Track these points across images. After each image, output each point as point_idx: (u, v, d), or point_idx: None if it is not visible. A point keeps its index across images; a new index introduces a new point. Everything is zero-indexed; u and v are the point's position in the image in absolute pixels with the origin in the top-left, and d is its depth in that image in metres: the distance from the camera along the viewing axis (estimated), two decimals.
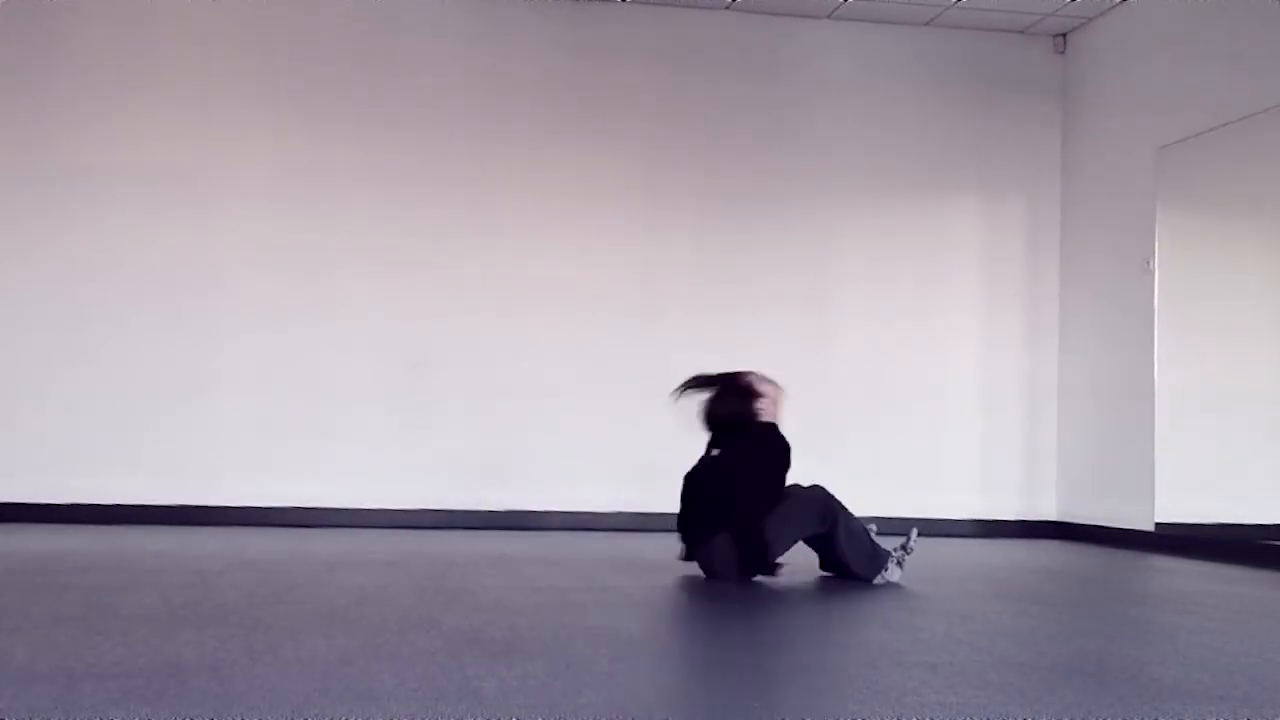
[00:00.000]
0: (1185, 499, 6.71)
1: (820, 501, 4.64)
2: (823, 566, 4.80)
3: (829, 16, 7.60)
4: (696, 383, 4.78)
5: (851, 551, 4.62)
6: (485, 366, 7.20)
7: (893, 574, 4.64)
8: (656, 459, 7.27)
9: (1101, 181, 7.47)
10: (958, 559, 5.67)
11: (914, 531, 4.73)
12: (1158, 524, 6.72)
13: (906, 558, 4.68)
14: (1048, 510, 7.69)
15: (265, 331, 7.04)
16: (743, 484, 4.59)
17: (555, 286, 7.31)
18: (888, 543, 4.75)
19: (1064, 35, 7.83)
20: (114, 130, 7.00)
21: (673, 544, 5.48)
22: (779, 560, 4.60)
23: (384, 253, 7.17)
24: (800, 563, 4.86)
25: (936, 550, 4.85)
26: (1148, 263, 6.96)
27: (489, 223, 7.28)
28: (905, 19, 7.62)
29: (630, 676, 2.69)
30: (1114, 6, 7.35)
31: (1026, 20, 7.61)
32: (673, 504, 7.46)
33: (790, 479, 4.72)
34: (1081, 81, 7.71)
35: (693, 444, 7.32)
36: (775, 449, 4.66)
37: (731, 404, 4.75)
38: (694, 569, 4.91)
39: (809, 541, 4.70)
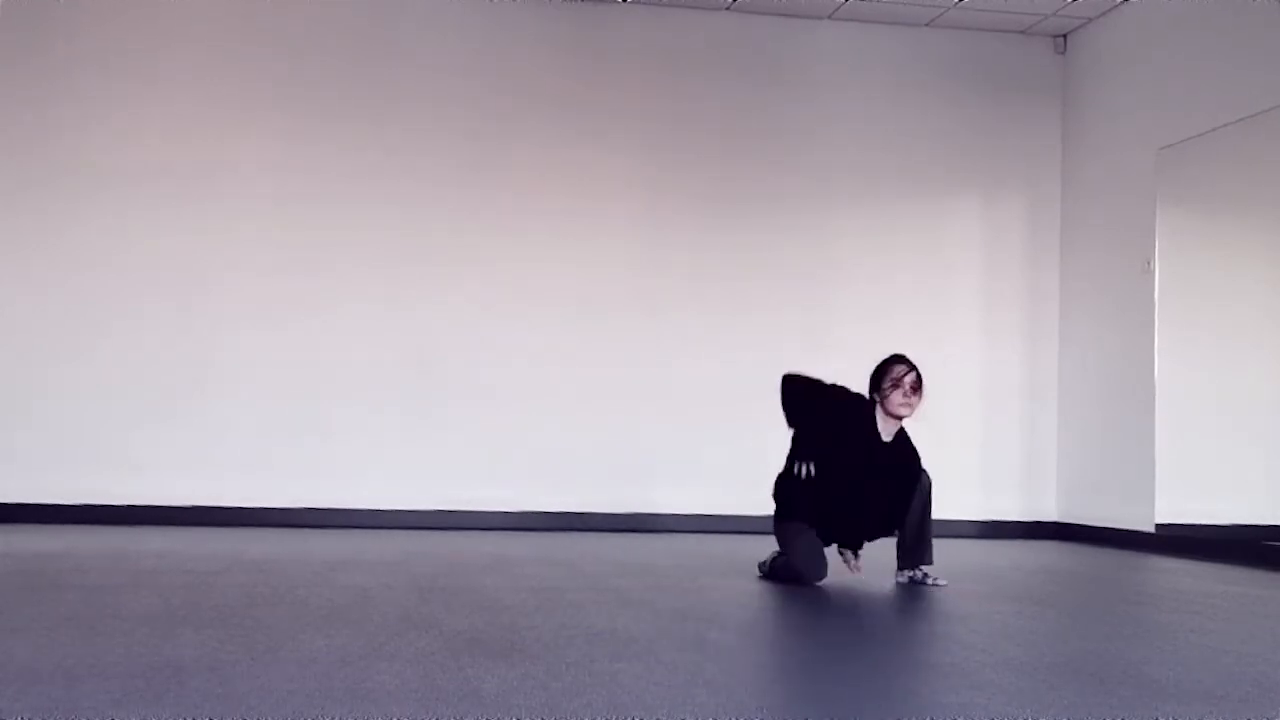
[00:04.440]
0: (1185, 499, 6.70)
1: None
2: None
3: (829, 17, 7.60)
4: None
5: (919, 531, 4.65)
6: (486, 365, 7.20)
7: (904, 576, 4.69)
8: (656, 458, 7.29)
9: (1102, 181, 7.46)
10: (958, 559, 5.67)
11: (939, 580, 4.69)
12: (1158, 525, 6.72)
13: (919, 579, 4.67)
14: (1048, 511, 7.69)
15: (265, 331, 7.04)
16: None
17: (555, 286, 7.30)
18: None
19: (1064, 36, 7.82)
20: (114, 129, 6.99)
21: (672, 544, 5.48)
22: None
23: (385, 252, 7.17)
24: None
25: (937, 551, 4.85)
26: (1148, 263, 6.96)
27: (489, 222, 7.27)
28: (905, 19, 7.62)
29: (630, 676, 2.70)
30: (1114, 7, 7.35)
31: (1027, 20, 7.61)
32: (671, 503, 7.46)
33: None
34: (1081, 82, 7.71)
35: (690, 447, 7.35)
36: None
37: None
38: (690, 569, 4.91)
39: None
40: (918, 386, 4.72)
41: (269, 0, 7.18)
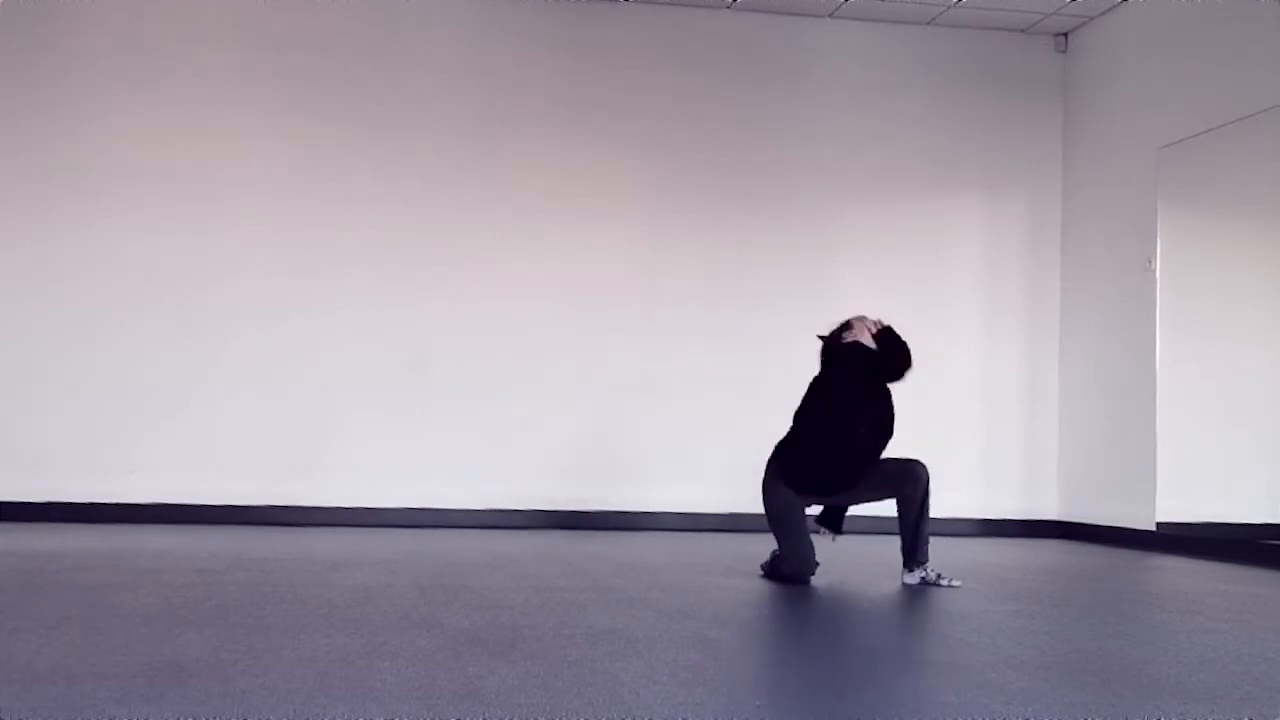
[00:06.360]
0: (1186, 499, 6.70)
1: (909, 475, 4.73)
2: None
3: (830, 15, 7.59)
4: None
5: (916, 527, 4.65)
6: (487, 364, 7.20)
7: (914, 578, 4.64)
8: (657, 457, 7.29)
9: (1102, 180, 7.46)
10: (958, 558, 5.67)
11: (954, 581, 4.66)
12: (1159, 523, 6.72)
13: (931, 579, 4.64)
14: (1049, 509, 7.69)
15: (266, 330, 7.03)
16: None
17: (557, 284, 7.30)
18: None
19: (1065, 35, 7.82)
20: (114, 129, 6.99)
21: (672, 543, 5.47)
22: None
23: (386, 251, 7.16)
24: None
25: (937, 550, 4.85)
26: (1149, 262, 6.95)
27: (491, 221, 7.27)
28: (907, 18, 7.61)
29: (630, 676, 2.70)
30: (1115, 6, 7.35)
31: (1028, 19, 7.60)
32: (671, 502, 7.47)
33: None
34: (1083, 81, 7.70)
35: (692, 446, 7.34)
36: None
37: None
38: (690, 568, 4.90)
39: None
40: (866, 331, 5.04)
41: (269, 1, 7.18)
